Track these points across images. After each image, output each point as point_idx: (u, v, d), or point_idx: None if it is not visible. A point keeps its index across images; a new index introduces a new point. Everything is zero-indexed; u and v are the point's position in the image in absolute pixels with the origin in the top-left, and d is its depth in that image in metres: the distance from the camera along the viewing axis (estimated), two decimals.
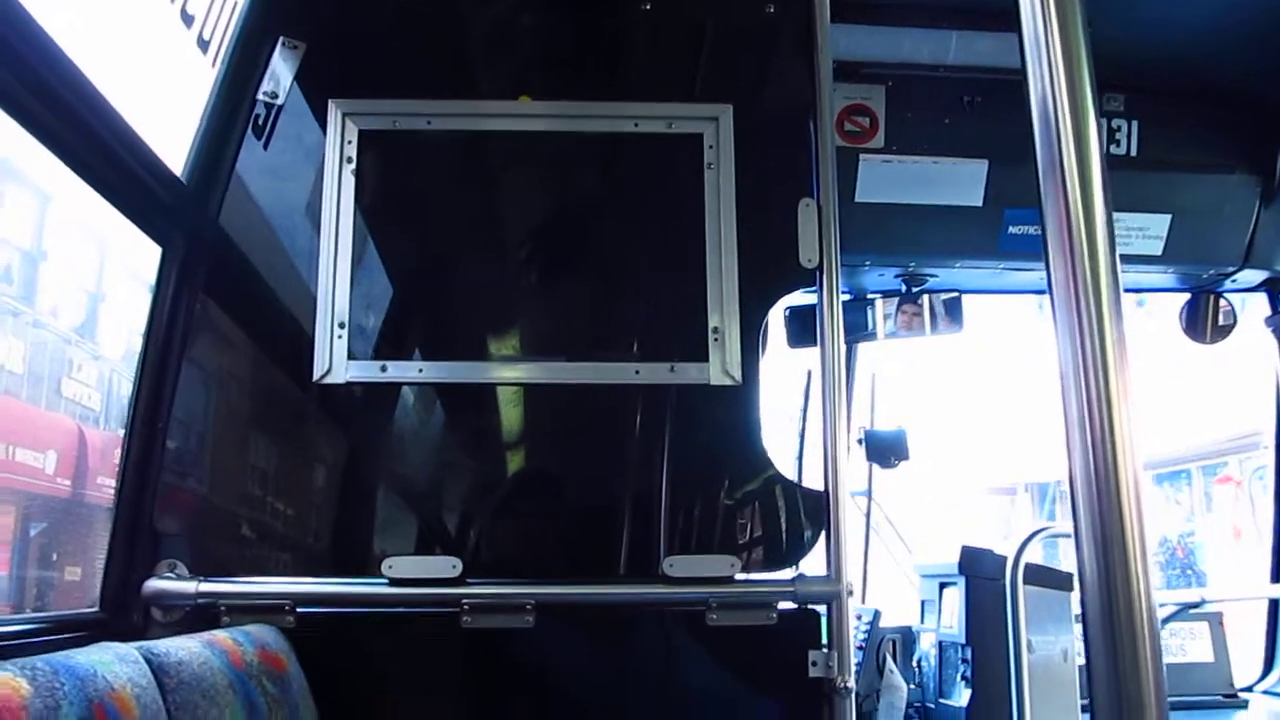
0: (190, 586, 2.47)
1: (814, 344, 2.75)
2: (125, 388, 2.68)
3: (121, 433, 2.61)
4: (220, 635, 2.15)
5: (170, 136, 2.57)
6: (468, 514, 2.84)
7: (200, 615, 2.45)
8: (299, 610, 2.49)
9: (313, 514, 2.78)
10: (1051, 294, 1.11)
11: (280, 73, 2.78)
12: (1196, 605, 4.18)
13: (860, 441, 4.34)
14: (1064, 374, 1.08)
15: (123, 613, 2.44)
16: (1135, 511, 1.04)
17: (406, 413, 2.82)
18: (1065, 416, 1.08)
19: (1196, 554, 15.72)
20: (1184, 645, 4.31)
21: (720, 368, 2.72)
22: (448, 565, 2.52)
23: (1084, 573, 1.06)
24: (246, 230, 2.74)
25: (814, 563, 2.70)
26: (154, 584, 2.47)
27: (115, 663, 1.63)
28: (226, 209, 2.71)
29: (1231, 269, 4.14)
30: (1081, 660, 3.64)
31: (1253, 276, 4.23)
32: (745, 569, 2.69)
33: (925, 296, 4.32)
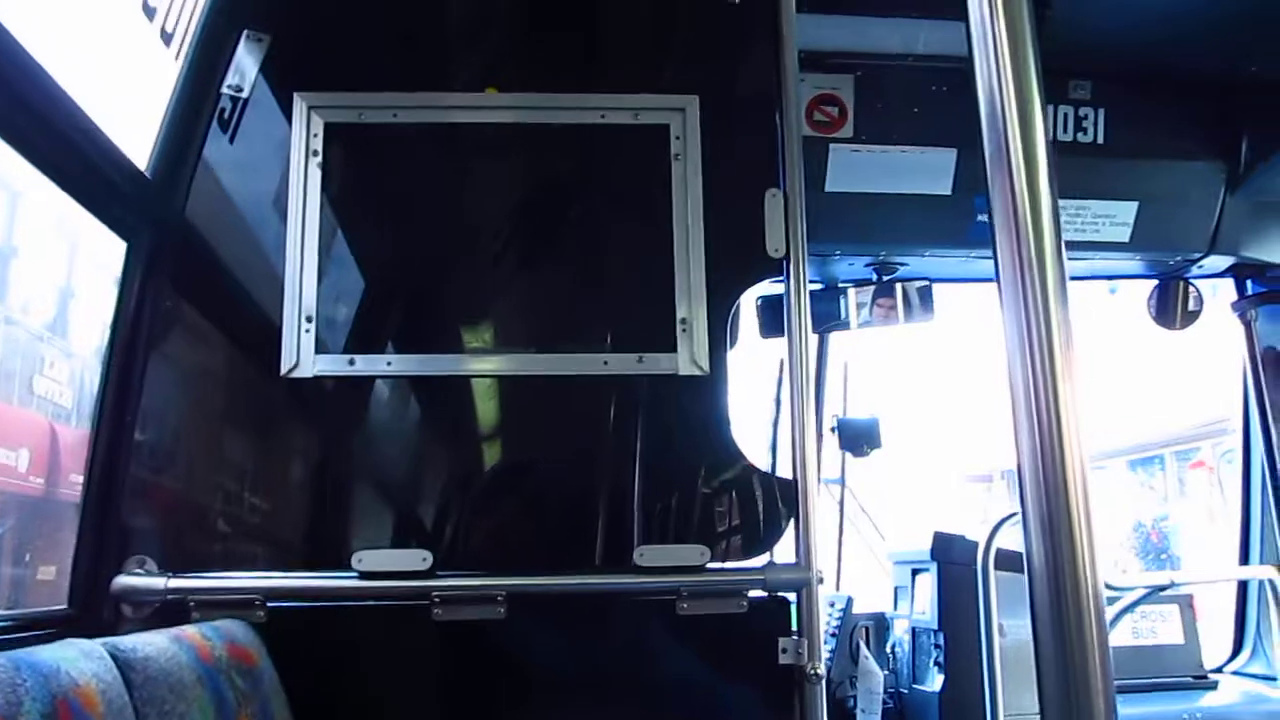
0: (159, 582, 2.46)
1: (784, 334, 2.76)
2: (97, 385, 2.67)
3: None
4: (189, 630, 2.14)
5: (135, 131, 2.55)
6: (438, 506, 2.83)
7: (170, 611, 2.44)
8: (269, 605, 2.48)
9: (282, 508, 2.77)
10: (999, 279, 1.11)
11: (245, 66, 2.76)
12: (1165, 588, 4.22)
13: (833, 430, 4.37)
14: (1010, 358, 1.08)
15: (92, 609, 2.42)
16: (1082, 495, 1.05)
17: (375, 406, 2.81)
18: (1013, 400, 1.08)
19: (1170, 539, 15.86)
20: (1154, 627, 4.36)
21: (688, 358, 2.72)
22: (417, 558, 2.52)
23: (1031, 556, 1.07)
24: (212, 224, 2.72)
25: (786, 551, 2.70)
26: (123, 580, 2.46)
27: (80, 659, 1.62)
28: (192, 203, 2.69)
29: (1198, 255, 4.18)
30: None
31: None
32: (719, 557, 2.70)
33: (898, 285, 4.34)
